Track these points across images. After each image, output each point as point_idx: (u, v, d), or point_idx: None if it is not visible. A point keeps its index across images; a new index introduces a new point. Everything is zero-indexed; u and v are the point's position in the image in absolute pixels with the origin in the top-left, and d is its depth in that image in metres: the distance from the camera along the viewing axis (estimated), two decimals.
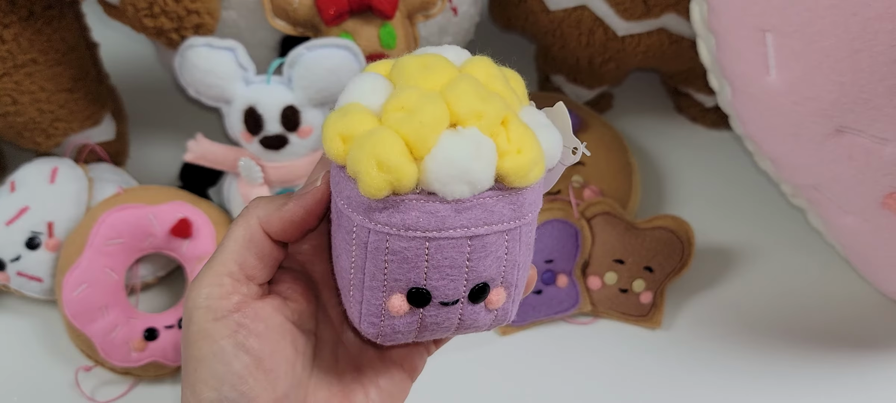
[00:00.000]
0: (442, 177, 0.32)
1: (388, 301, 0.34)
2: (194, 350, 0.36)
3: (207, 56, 0.55)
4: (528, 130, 0.33)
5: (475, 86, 0.33)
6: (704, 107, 0.73)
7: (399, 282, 0.34)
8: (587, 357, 0.59)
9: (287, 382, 0.37)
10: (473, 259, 0.34)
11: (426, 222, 0.33)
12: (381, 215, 0.33)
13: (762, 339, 0.61)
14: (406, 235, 0.33)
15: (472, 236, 0.33)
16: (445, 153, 0.32)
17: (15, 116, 0.59)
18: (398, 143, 0.32)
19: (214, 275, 0.36)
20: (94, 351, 0.56)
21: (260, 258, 0.37)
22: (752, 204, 0.68)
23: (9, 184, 0.59)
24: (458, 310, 0.35)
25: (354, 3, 0.57)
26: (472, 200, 0.33)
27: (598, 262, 0.60)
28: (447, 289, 0.34)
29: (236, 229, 0.37)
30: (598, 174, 0.64)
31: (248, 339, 0.36)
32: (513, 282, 0.35)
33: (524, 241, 0.35)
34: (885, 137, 0.49)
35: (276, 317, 0.37)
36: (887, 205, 0.53)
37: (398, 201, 0.33)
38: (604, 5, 0.63)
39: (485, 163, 0.32)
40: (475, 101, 0.33)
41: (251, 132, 0.56)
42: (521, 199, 0.34)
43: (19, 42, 0.56)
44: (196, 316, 0.36)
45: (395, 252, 0.33)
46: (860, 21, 0.46)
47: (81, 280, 0.55)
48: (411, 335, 0.36)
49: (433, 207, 0.33)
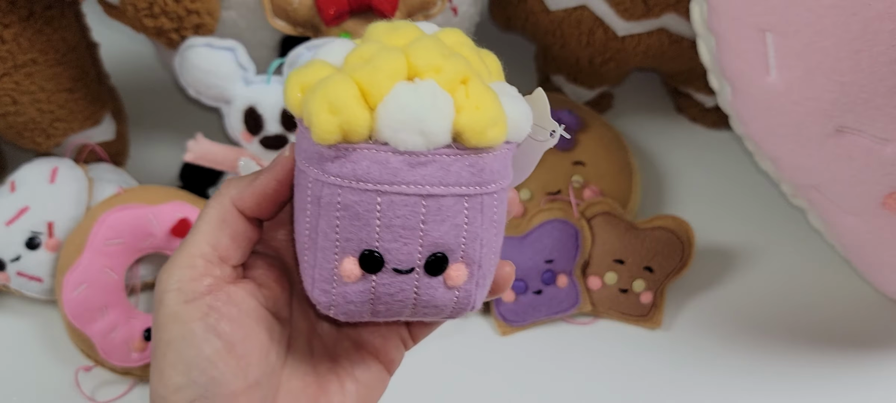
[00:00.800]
0: (394, 123, 0.31)
1: (340, 265, 0.33)
2: (164, 333, 0.34)
3: (207, 56, 0.55)
4: (489, 90, 0.33)
5: (438, 44, 0.33)
6: (704, 107, 0.73)
7: (350, 243, 0.33)
8: (587, 357, 0.59)
9: (259, 369, 0.35)
10: (429, 222, 0.32)
11: (378, 173, 0.32)
12: (333, 165, 0.32)
13: (762, 339, 0.61)
14: (357, 187, 0.32)
15: (427, 194, 0.32)
16: (398, 100, 0.32)
17: (15, 116, 0.59)
18: (351, 87, 0.32)
19: (187, 257, 0.35)
20: (94, 351, 0.56)
21: (233, 238, 0.36)
22: (752, 205, 0.68)
23: (9, 184, 0.59)
24: (413, 282, 0.33)
25: (354, 3, 0.57)
26: (427, 155, 0.32)
27: (598, 262, 0.60)
28: (401, 253, 0.33)
29: (209, 210, 0.36)
30: (598, 174, 0.64)
31: (219, 323, 0.34)
32: (475, 260, 0.34)
33: (488, 215, 0.34)
34: (886, 137, 0.49)
35: (250, 302, 0.36)
36: (887, 205, 0.53)
37: (350, 150, 0.32)
38: (604, 5, 0.63)
39: (440, 115, 0.32)
40: (435, 56, 0.33)
41: (251, 132, 0.56)
42: (481, 163, 0.33)
43: (19, 42, 0.56)
44: (167, 299, 0.35)
45: (347, 206, 0.32)
46: (860, 21, 0.46)
47: (81, 280, 0.55)
48: (366, 308, 0.34)
49: (385, 157, 0.32)
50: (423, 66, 0.32)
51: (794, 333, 0.61)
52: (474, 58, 0.35)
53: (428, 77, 0.32)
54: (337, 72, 0.33)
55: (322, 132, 0.32)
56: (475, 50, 0.35)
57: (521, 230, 0.59)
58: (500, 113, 0.33)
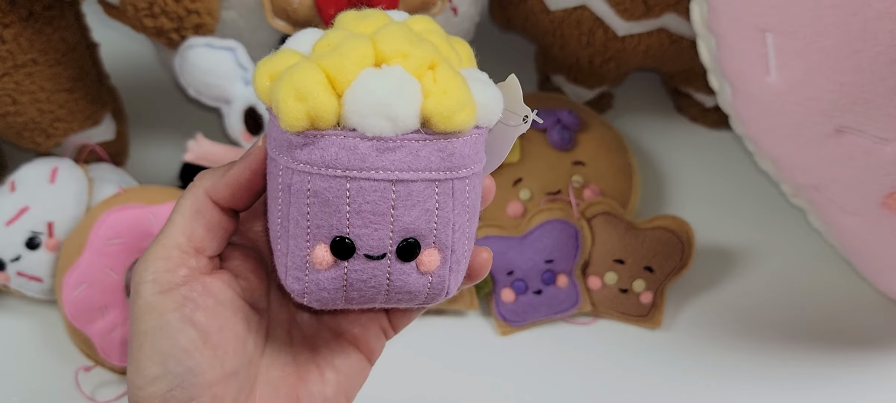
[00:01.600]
0: (361, 108, 0.31)
1: (312, 252, 0.33)
2: (140, 324, 0.35)
3: (207, 56, 0.55)
4: (458, 75, 0.33)
5: (405, 30, 0.33)
6: (704, 107, 0.73)
7: (321, 229, 0.33)
8: (587, 357, 0.59)
9: (237, 359, 0.36)
10: (399, 207, 0.32)
11: (346, 159, 0.32)
12: (302, 152, 0.32)
13: (762, 339, 0.61)
14: (326, 173, 0.32)
15: (397, 180, 0.32)
16: (365, 85, 0.32)
17: (15, 116, 0.59)
18: (318, 74, 0.32)
19: (162, 248, 0.35)
20: (94, 351, 0.56)
21: (208, 229, 0.36)
22: (752, 205, 0.68)
23: (9, 184, 0.59)
24: (385, 268, 0.33)
25: (354, 4, 0.57)
26: (395, 140, 0.32)
27: (598, 262, 0.60)
28: (371, 239, 0.33)
29: (183, 201, 0.36)
30: (598, 174, 0.64)
31: (195, 313, 0.35)
32: (447, 245, 0.34)
33: (460, 200, 0.34)
34: (886, 137, 0.49)
35: (227, 292, 0.36)
36: (887, 205, 0.53)
37: (318, 137, 0.32)
38: (604, 5, 0.63)
39: (407, 100, 0.32)
40: (402, 42, 0.33)
41: (251, 132, 0.56)
42: (451, 147, 0.33)
43: (19, 42, 0.56)
44: (142, 290, 0.35)
45: (317, 193, 0.32)
46: (860, 21, 0.46)
47: (81, 280, 0.55)
48: (339, 295, 0.34)
49: (353, 143, 0.32)
50: (390, 52, 0.32)
51: (794, 333, 0.61)
52: (444, 44, 0.35)
53: (395, 63, 0.32)
54: (304, 60, 0.33)
55: (290, 119, 0.32)
56: (445, 37, 0.35)
57: (520, 230, 0.59)
58: (468, 97, 0.33)
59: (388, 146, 0.32)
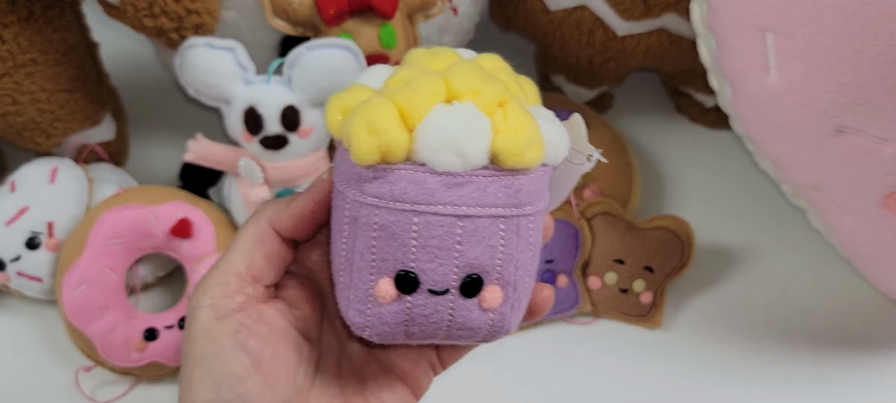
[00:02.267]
0: (431, 143, 0.32)
1: (375, 285, 0.33)
2: (194, 348, 0.35)
3: (207, 56, 0.55)
4: (527, 113, 0.33)
5: (476, 68, 0.34)
6: (704, 107, 0.73)
7: (386, 263, 0.33)
8: (587, 357, 0.59)
9: (287, 389, 0.36)
10: (464, 243, 0.32)
11: (415, 193, 0.32)
12: (371, 186, 0.33)
13: (762, 339, 0.61)
14: (394, 207, 0.32)
15: (463, 215, 0.32)
16: (436, 121, 0.32)
17: (15, 116, 0.59)
18: (390, 109, 0.32)
19: (220, 274, 0.36)
20: (94, 351, 0.56)
21: (268, 258, 0.36)
22: (752, 205, 0.68)
23: (9, 183, 0.59)
24: (448, 303, 0.33)
25: (354, 3, 0.57)
26: (463, 176, 0.32)
27: (598, 262, 0.60)
28: (436, 274, 0.33)
29: (245, 229, 0.37)
30: (598, 174, 0.64)
31: (248, 340, 0.35)
32: (510, 282, 0.34)
33: (524, 237, 0.34)
34: (886, 137, 0.49)
35: (280, 321, 0.36)
36: (887, 205, 0.53)
37: (388, 171, 0.32)
38: (604, 5, 0.63)
39: (477, 136, 0.32)
40: (473, 79, 0.33)
41: (251, 132, 0.56)
42: (517, 185, 0.33)
43: (19, 42, 0.56)
44: (199, 315, 0.35)
45: (384, 227, 0.33)
46: (860, 21, 0.46)
47: (81, 280, 0.55)
48: (400, 329, 0.34)
49: (422, 178, 0.32)
50: (462, 88, 0.33)
51: (794, 333, 0.61)
52: (512, 82, 0.35)
53: (466, 99, 0.33)
54: (377, 95, 0.33)
55: (361, 153, 0.32)
56: (513, 74, 0.36)
57: None
58: (537, 135, 0.33)
59: (457, 181, 0.32)
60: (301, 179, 0.59)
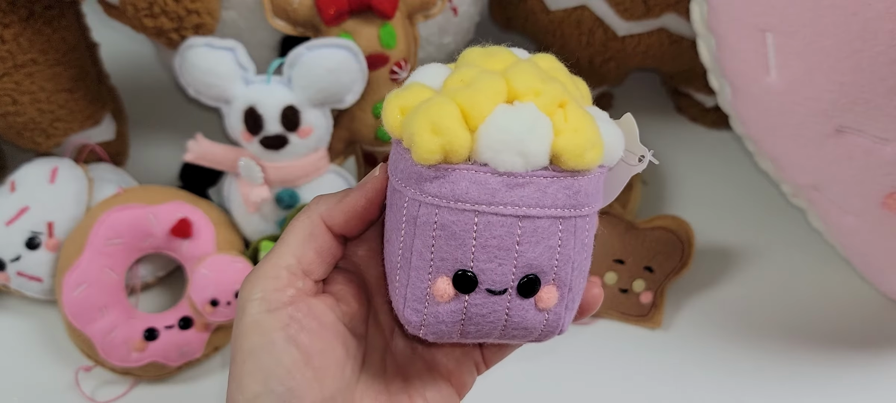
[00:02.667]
0: (494, 144, 0.32)
1: (433, 284, 0.33)
2: (244, 341, 0.35)
3: (207, 56, 0.55)
4: (586, 114, 0.34)
5: (535, 68, 0.34)
6: (704, 107, 0.73)
7: (445, 262, 0.33)
8: (587, 357, 0.59)
9: (335, 383, 0.36)
10: (524, 243, 0.33)
11: (476, 193, 0.32)
12: (432, 185, 0.33)
13: (762, 339, 0.61)
14: (455, 207, 0.32)
15: (524, 216, 0.32)
16: (499, 121, 0.32)
17: (15, 116, 0.59)
18: (453, 109, 0.32)
19: (272, 267, 0.36)
20: (94, 351, 0.56)
21: (318, 252, 0.36)
22: (752, 204, 0.68)
23: (9, 183, 0.59)
24: (505, 303, 0.33)
25: (354, 3, 0.57)
26: (525, 176, 0.32)
27: (598, 262, 0.60)
28: (495, 274, 0.33)
29: (297, 223, 0.37)
30: None
31: (299, 334, 0.35)
32: (566, 282, 0.34)
33: (580, 239, 0.34)
34: (885, 137, 0.49)
35: (329, 316, 0.36)
36: (887, 205, 0.53)
37: (450, 171, 0.32)
38: (604, 5, 0.63)
39: (539, 137, 0.32)
40: (534, 80, 0.33)
41: (251, 132, 0.56)
42: (577, 185, 0.33)
43: (19, 42, 0.56)
44: (249, 308, 0.35)
45: (444, 226, 0.33)
46: (860, 21, 0.46)
47: (81, 280, 0.55)
48: (456, 328, 0.34)
49: (484, 178, 0.32)
50: (523, 89, 0.33)
51: (794, 333, 0.61)
52: (569, 82, 0.35)
53: (527, 100, 0.33)
54: (438, 95, 0.33)
55: (424, 152, 0.32)
56: (568, 75, 0.36)
57: None
58: (597, 136, 0.33)
59: (518, 182, 0.32)
60: (301, 179, 0.59)
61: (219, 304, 0.55)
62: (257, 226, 0.60)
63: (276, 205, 0.59)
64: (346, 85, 0.56)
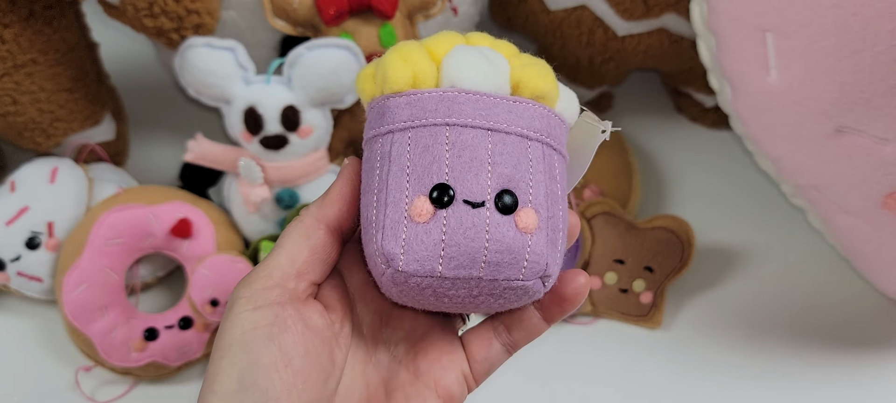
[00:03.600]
0: (458, 64, 0.35)
1: (411, 205, 0.33)
2: (226, 337, 0.34)
3: (207, 56, 0.55)
4: (540, 60, 0.37)
5: (489, 36, 0.38)
6: (704, 107, 0.73)
7: (422, 181, 0.34)
8: (587, 357, 0.59)
9: (315, 391, 0.35)
10: (496, 156, 0.34)
11: (446, 110, 0.34)
12: (404, 112, 0.35)
13: (762, 339, 0.61)
14: (427, 122, 0.34)
15: (493, 129, 0.34)
16: (460, 50, 0.36)
17: (15, 116, 0.59)
18: (419, 46, 0.36)
19: (264, 267, 0.36)
20: (94, 351, 0.56)
21: (313, 251, 0.36)
22: (752, 205, 0.68)
23: (9, 183, 0.59)
24: (484, 218, 0.33)
25: (354, 3, 0.57)
26: (490, 96, 0.35)
27: (598, 262, 0.60)
28: (471, 185, 0.33)
29: (291, 227, 0.37)
30: (598, 174, 0.64)
31: (282, 334, 0.34)
32: (544, 208, 0.34)
33: (549, 169, 0.35)
34: (886, 137, 0.49)
35: (318, 321, 0.36)
36: (887, 205, 0.53)
37: (419, 93, 0.35)
38: (604, 5, 0.63)
39: (498, 64, 0.36)
40: (488, 38, 0.38)
41: (251, 132, 0.56)
42: (540, 112, 0.35)
43: (19, 42, 0.56)
44: (236, 305, 0.35)
45: (417, 142, 0.34)
46: (860, 21, 0.46)
47: (81, 280, 0.55)
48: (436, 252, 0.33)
49: (452, 95, 0.35)
50: (479, 41, 0.37)
51: (794, 333, 0.61)
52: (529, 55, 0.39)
53: (483, 44, 0.37)
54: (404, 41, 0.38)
55: (396, 76, 0.35)
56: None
57: None
58: (550, 71, 0.37)
59: (484, 100, 0.35)
60: (301, 179, 0.59)
61: (219, 304, 0.55)
62: (257, 226, 0.60)
63: (276, 205, 0.59)
64: (346, 85, 0.56)
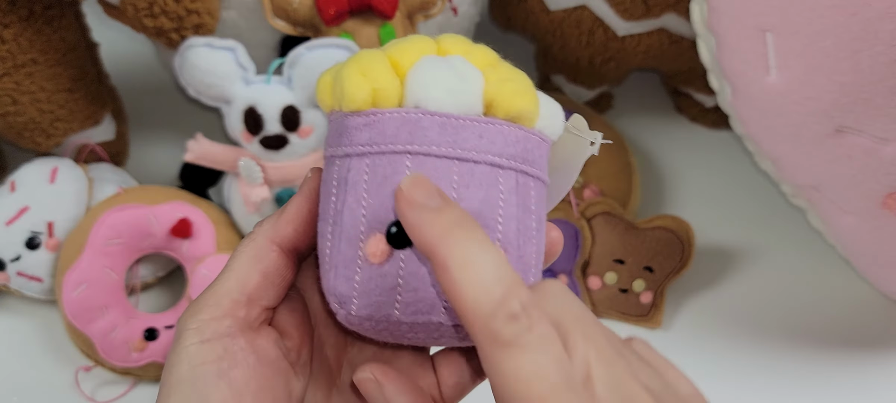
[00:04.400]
0: (423, 80, 0.31)
1: (365, 244, 0.30)
2: (173, 373, 0.32)
3: (207, 56, 0.55)
4: (520, 72, 0.32)
5: (465, 38, 0.33)
6: (704, 107, 0.73)
7: (377, 216, 0.30)
8: None
9: None
10: (462, 188, 0.30)
11: (408, 135, 0.30)
12: (362, 134, 0.31)
13: (762, 339, 0.61)
14: (387, 149, 0.30)
15: (460, 158, 0.30)
16: (427, 63, 0.31)
17: (15, 116, 0.59)
18: (382, 57, 0.32)
19: (212, 295, 0.33)
20: (94, 351, 0.56)
21: (265, 275, 0.33)
22: (752, 204, 0.68)
23: (9, 183, 0.59)
24: None
25: (354, 3, 0.57)
26: (459, 119, 0.30)
27: (598, 262, 0.60)
28: None
29: (241, 247, 0.34)
30: (598, 174, 0.64)
31: (232, 369, 0.32)
32: (513, 244, 0.31)
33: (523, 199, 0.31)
34: (886, 137, 0.49)
35: (272, 351, 0.33)
36: (887, 205, 0.53)
37: (380, 114, 0.31)
38: (604, 5, 0.63)
39: (469, 80, 0.31)
40: (462, 42, 0.33)
41: (251, 132, 0.56)
42: (514, 135, 0.31)
43: (19, 42, 0.56)
44: (183, 337, 0.32)
45: (375, 171, 0.30)
46: (860, 21, 0.46)
47: (81, 280, 0.55)
48: (391, 297, 0.30)
49: (415, 118, 0.30)
50: (450, 46, 0.33)
51: (794, 333, 0.61)
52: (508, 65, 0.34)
53: (455, 54, 0.32)
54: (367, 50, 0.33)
55: (353, 94, 0.31)
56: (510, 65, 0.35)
57: None
58: (529, 87, 0.32)
59: (452, 124, 0.30)
60: (301, 179, 0.59)
61: None
62: None
63: (276, 205, 0.59)
64: None
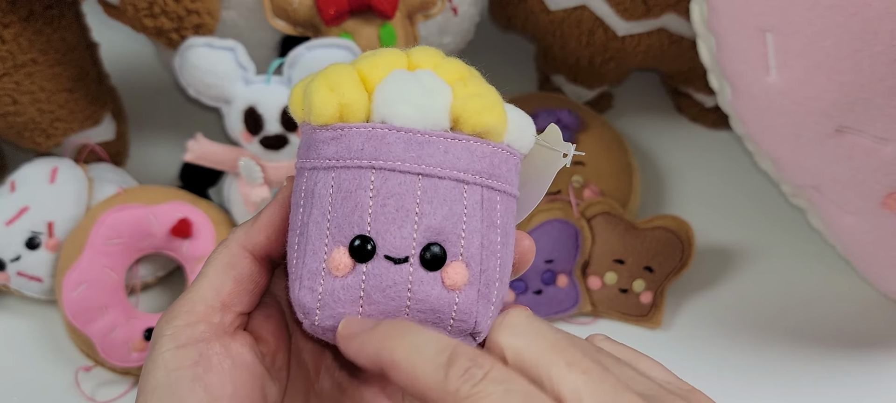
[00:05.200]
0: (389, 96, 0.31)
1: (329, 256, 0.31)
2: (149, 379, 0.32)
3: (207, 56, 0.55)
4: (489, 86, 0.33)
5: (437, 51, 0.34)
6: (704, 107, 0.73)
7: (342, 229, 0.31)
8: None
9: None
10: (424, 204, 0.30)
11: (373, 149, 0.31)
12: (328, 147, 0.31)
13: (762, 339, 0.61)
14: (351, 164, 0.31)
15: (424, 174, 0.31)
16: (395, 78, 0.32)
17: (15, 116, 0.59)
18: (351, 70, 0.32)
19: (187, 302, 0.33)
20: (94, 351, 0.56)
21: (239, 282, 0.34)
22: (752, 204, 0.68)
23: (9, 183, 0.59)
24: (407, 274, 0.30)
25: (354, 3, 0.57)
26: (424, 134, 0.31)
27: (598, 262, 0.60)
28: (394, 238, 0.30)
29: (215, 254, 0.34)
30: (598, 174, 0.64)
31: (207, 374, 0.32)
32: (476, 261, 0.31)
33: (489, 214, 0.32)
34: (886, 137, 0.49)
35: (247, 356, 0.33)
36: (887, 205, 0.53)
37: (346, 129, 0.31)
38: (604, 5, 0.63)
39: (437, 94, 0.31)
40: (433, 56, 0.33)
41: (251, 132, 0.56)
42: (481, 150, 0.31)
43: (19, 42, 0.56)
44: (159, 343, 0.33)
45: (340, 186, 0.31)
46: (860, 21, 0.46)
47: (81, 280, 0.55)
48: (354, 309, 0.31)
49: (381, 133, 0.31)
50: (420, 59, 0.33)
51: (794, 333, 0.61)
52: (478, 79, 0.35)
53: (425, 68, 0.33)
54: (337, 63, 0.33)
55: (320, 108, 0.31)
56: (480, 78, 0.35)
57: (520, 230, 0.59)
58: (498, 101, 0.32)
59: (417, 139, 0.31)
60: None
61: None
62: None
63: None
64: None
